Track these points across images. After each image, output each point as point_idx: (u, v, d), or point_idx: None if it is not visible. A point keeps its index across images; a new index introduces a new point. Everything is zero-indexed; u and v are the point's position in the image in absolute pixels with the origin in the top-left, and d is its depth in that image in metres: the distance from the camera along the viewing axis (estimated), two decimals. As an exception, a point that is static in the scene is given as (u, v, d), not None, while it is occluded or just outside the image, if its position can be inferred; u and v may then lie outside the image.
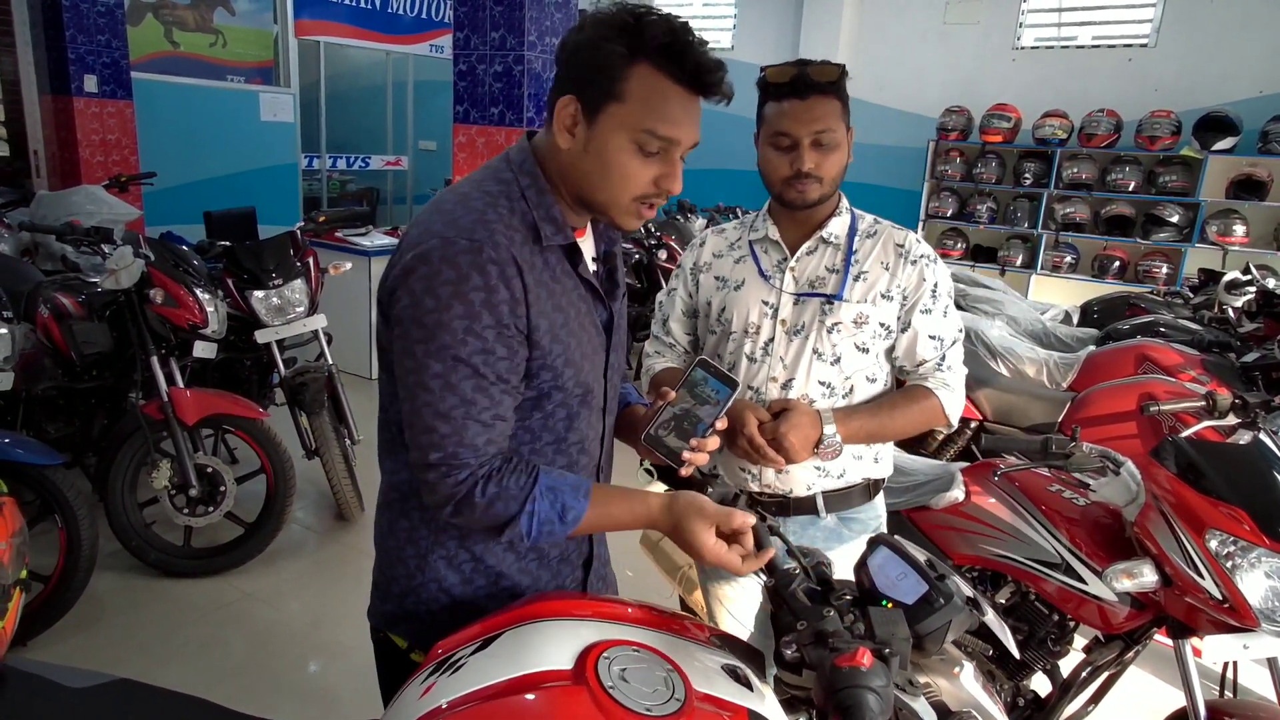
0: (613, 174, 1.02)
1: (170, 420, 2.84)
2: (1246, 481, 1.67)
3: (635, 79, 0.99)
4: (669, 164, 1.04)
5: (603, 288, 1.17)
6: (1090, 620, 1.84)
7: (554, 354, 1.06)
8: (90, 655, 2.54)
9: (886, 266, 1.49)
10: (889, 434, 1.53)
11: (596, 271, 1.17)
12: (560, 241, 1.07)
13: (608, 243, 1.21)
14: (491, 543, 1.13)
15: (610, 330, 1.17)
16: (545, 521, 1.05)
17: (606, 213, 1.07)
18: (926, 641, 0.98)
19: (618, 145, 1.01)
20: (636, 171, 1.02)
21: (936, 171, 7.52)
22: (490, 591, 1.17)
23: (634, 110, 1.00)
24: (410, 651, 1.20)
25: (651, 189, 1.04)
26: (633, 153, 1.01)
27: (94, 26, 5.79)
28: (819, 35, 8.00)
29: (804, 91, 1.41)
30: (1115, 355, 3.31)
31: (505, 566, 1.16)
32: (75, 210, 4.17)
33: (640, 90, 0.99)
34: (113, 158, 6.07)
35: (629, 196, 1.04)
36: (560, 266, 1.08)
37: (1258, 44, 6.40)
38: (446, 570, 1.15)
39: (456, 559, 1.15)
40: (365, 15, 7.91)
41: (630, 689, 0.92)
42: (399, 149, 8.94)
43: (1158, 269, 6.60)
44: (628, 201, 1.05)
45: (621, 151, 1.01)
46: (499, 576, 1.16)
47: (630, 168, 1.02)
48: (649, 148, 1.01)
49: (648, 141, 1.01)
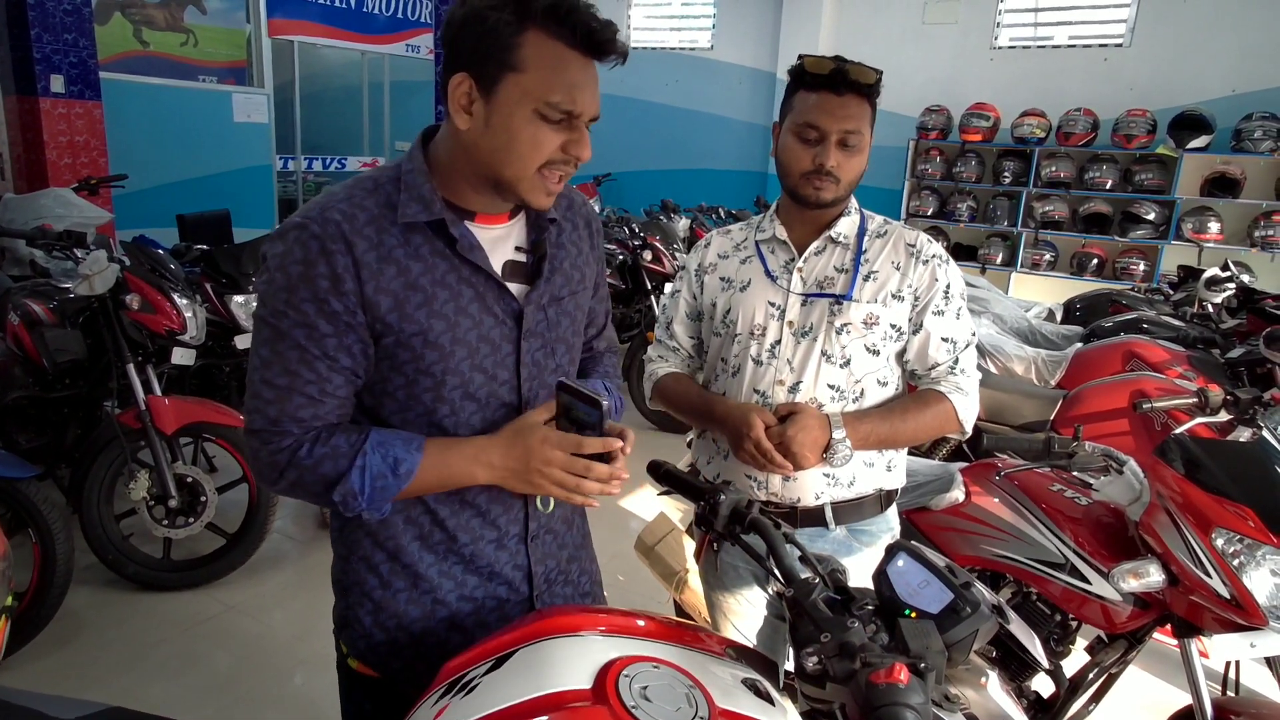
0: (520, 146, 0.99)
1: (148, 429, 2.76)
2: (1252, 479, 1.67)
3: (528, 46, 0.96)
4: (575, 130, 1.01)
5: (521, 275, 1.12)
6: (1094, 620, 1.83)
7: (407, 333, 1.03)
8: (67, 674, 2.46)
9: (898, 266, 1.46)
10: (901, 440, 1.49)
11: (521, 261, 1.12)
12: (421, 218, 1.03)
13: (538, 232, 1.14)
14: (404, 539, 1.12)
15: (521, 320, 1.10)
16: (377, 475, 1.02)
17: (515, 189, 1.03)
18: (953, 651, 0.95)
19: (522, 117, 0.98)
20: (541, 139, 0.99)
21: (917, 170, 7.57)
22: (412, 597, 1.13)
23: (534, 79, 0.97)
24: (347, 658, 1.19)
25: (559, 155, 1.01)
26: (535, 122, 0.98)
27: (60, 25, 5.64)
28: (799, 35, 8.03)
29: (840, 88, 1.37)
30: (1103, 352, 3.33)
31: (423, 568, 1.12)
32: (43, 214, 4.07)
33: (536, 57, 0.97)
34: (81, 160, 5.92)
35: (535, 166, 1.01)
36: (430, 247, 1.04)
37: (1230, 44, 6.50)
38: (366, 573, 1.14)
39: (373, 559, 1.13)
40: (340, 15, 7.80)
41: (653, 708, 0.88)
42: (375, 150, 8.83)
43: (1135, 266, 6.68)
44: (533, 173, 1.01)
45: (527, 123, 0.98)
46: (417, 579, 1.13)
47: (538, 137, 0.99)
48: (553, 117, 0.99)
49: (551, 112, 0.98)
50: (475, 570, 1.15)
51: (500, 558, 1.16)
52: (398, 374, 1.07)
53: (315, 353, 1.01)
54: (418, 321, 1.03)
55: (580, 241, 1.21)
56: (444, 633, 1.15)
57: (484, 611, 1.17)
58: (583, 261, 1.21)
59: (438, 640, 1.15)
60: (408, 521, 1.12)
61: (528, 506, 1.17)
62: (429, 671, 1.11)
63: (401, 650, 1.15)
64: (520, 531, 1.17)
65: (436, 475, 1.06)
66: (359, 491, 1.02)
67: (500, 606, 1.18)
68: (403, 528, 1.12)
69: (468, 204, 1.07)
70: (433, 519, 1.12)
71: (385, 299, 1.02)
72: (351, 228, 1.00)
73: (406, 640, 1.14)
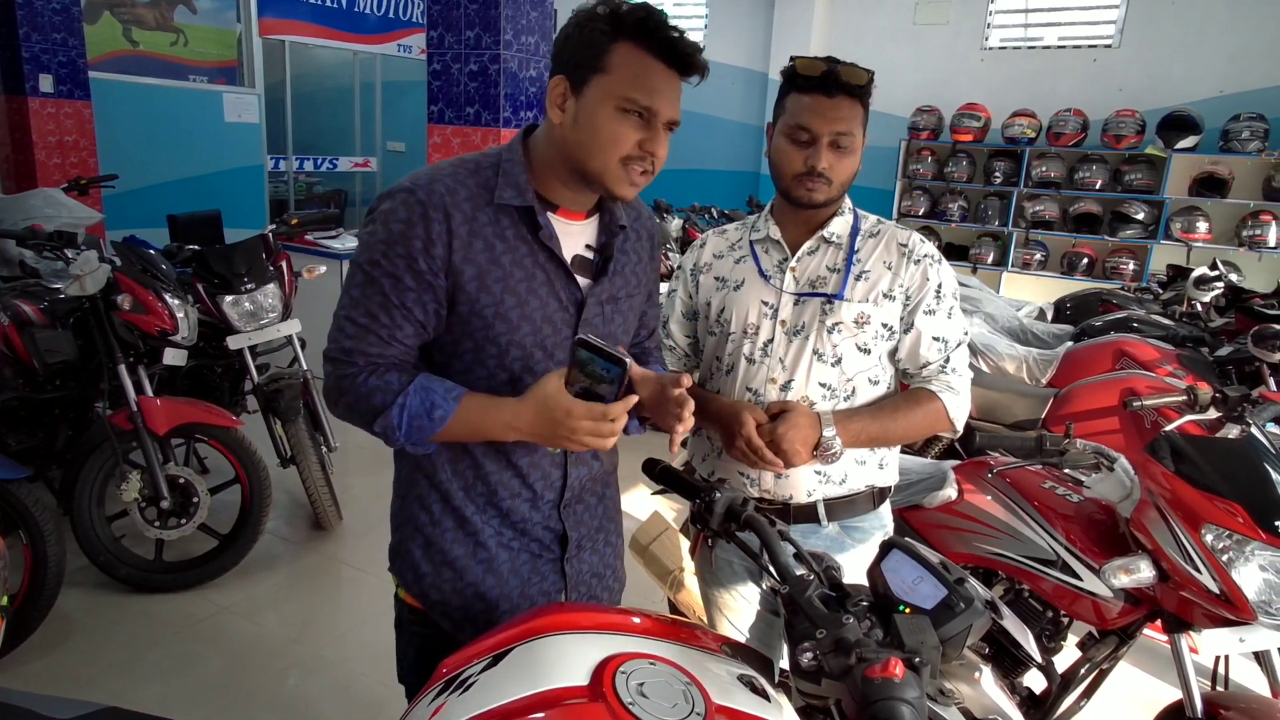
0: (600, 137, 1.11)
1: (140, 430, 2.75)
2: (1241, 476, 1.68)
3: (617, 54, 1.09)
4: (652, 130, 1.12)
5: (586, 270, 1.23)
6: (1085, 616, 1.85)
7: (482, 303, 1.15)
8: (59, 677, 2.45)
9: (889, 266, 1.47)
10: (891, 438, 1.50)
11: (588, 258, 1.24)
12: (514, 202, 1.15)
13: (608, 235, 1.25)
14: (453, 486, 1.24)
15: (581, 309, 1.22)
16: (415, 415, 1.13)
17: (601, 180, 1.14)
18: (948, 646, 0.96)
19: (604, 113, 1.10)
20: (621, 134, 1.10)
21: (908, 170, 7.59)
22: (457, 537, 1.25)
23: (616, 80, 1.09)
24: (398, 590, 1.33)
25: (636, 151, 1.12)
26: (617, 118, 1.10)
27: (49, 24, 5.61)
28: (790, 35, 8.05)
29: (832, 90, 1.38)
30: (1093, 351, 3.35)
31: (469, 513, 1.24)
32: (33, 214, 4.03)
33: (621, 63, 1.09)
34: (70, 160, 5.89)
35: (616, 158, 1.11)
36: (515, 230, 1.16)
37: (1218, 45, 6.54)
38: (419, 510, 1.26)
39: (427, 499, 1.26)
40: (331, 14, 7.78)
41: (650, 704, 0.89)
42: (367, 150, 8.81)
43: (1125, 265, 6.72)
44: (616, 165, 1.12)
45: (607, 118, 1.10)
46: (464, 521, 1.25)
47: (616, 130, 1.10)
48: (632, 112, 1.10)
49: (629, 106, 1.10)
50: (510, 525, 1.26)
51: (534, 517, 1.27)
52: (468, 339, 1.18)
53: (395, 302, 1.13)
54: (494, 294, 1.15)
55: (641, 251, 1.33)
56: (481, 574, 1.26)
57: (519, 562, 1.28)
58: (641, 269, 1.32)
59: (475, 579, 1.26)
60: (455, 473, 1.24)
61: (565, 478, 1.27)
62: (464, 608, 1.25)
63: (443, 585, 1.26)
64: (555, 499, 1.28)
65: (469, 427, 1.16)
66: (396, 425, 1.14)
67: (533, 561, 1.29)
68: (451, 475, 1.24)
69: (554, 197, 1.19)
70: (477, 472, 1.24)
71: (469, 269, 1.14)
72: (452, 201, 1.13)
73: (450, 575, 1.26)
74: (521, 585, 1.27)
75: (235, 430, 2.94)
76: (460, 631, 1.26)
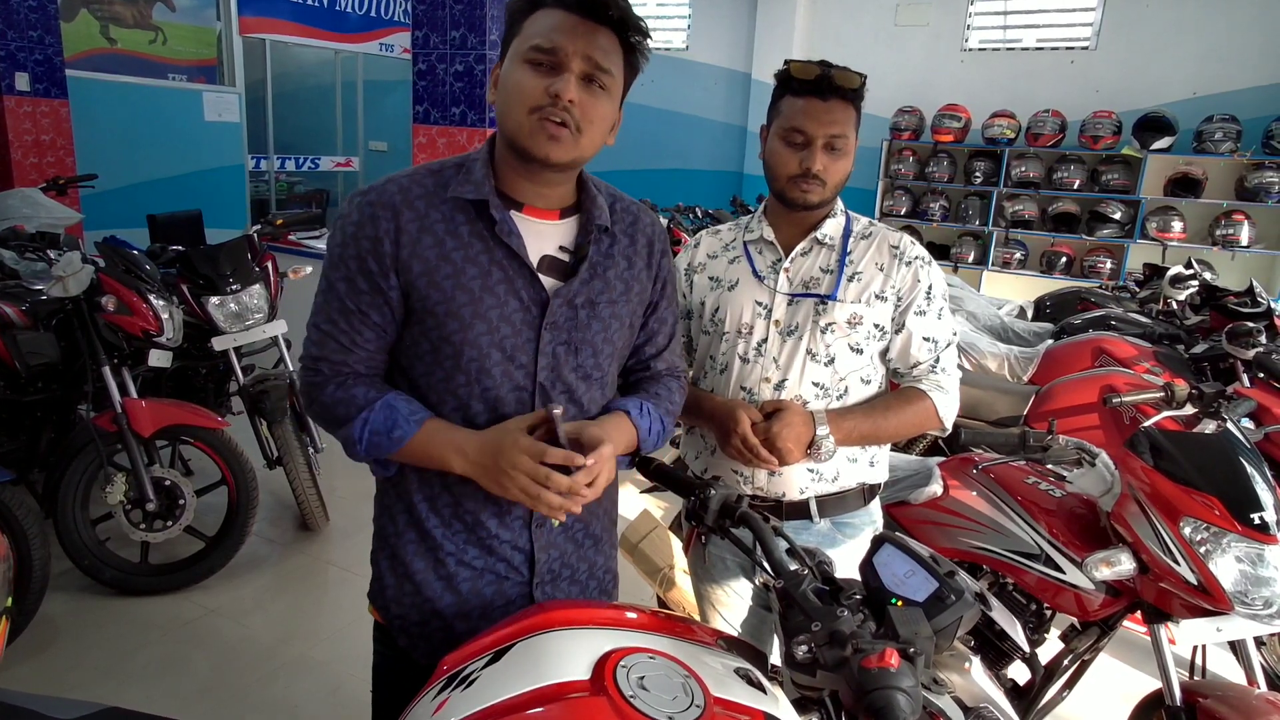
0: (510, 94, 1.09)
1: (125, 432, 2.73)
2: (1217, 470, 1.73)
3: (531, 19, 1.09)
4: (559, 75, 1.07)
5: (557, 271, 1.17)
6: (1068, 608, 1.89)
7: (433, 300, 1.12)
8: (45, 681, 2.43)
9: (881, 267, 1.50)
10: (883, 436, 1.53)
11: (561, 259, 1.18)
12: (468, 195, 1.12)
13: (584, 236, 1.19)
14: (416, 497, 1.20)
15: (544, 309, 1.15)
16: (375, 432, 1.12)
17: (517, 140, 1.09)
18: (939, 637, 0.98)
19: (514, 72, 1.09)
20: (525, 83, 1.07)
21: (890, 170, 7.66)
22: (419, 550, 1.21)
23: (524, 36, 1.09)
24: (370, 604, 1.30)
25: (544, 98, 1.06)
26: (522, 70, 1.08)
27: (25, 22, 5.54)
28: (773, 36, 8.10)
29: (825, 93, 1.40)
30: (1073, 349, 3.40)
31: (430, 526, 1.20)
32: (10, 214, 3.99)
33: (532, 23, 1.09)
34: (47, 159, 5.82)
35: (525, 110, 1.07)
36: (470, 227, 1.13)
37: (1192, 48, 6.67)
38: (387, 522, 1.24)
39: (394, 509, 1.23)
40: (312, 13, 7.73)
41: (651, 697, 0.90)
42: (349, 149, 8.77)
43: (1102, 264, 6.83)
44: (525, 117, 1.07)
45: (514, 73, 1.09)
46: (425, 535, 1.20)
47: (520, 81, 1.07)
48: (535, 60, 1.07)
49: (533, 56, 1.07)
50: (476, 541, 1.20)
51: (501, 534, 1.20)
52: (424, 339, 1.15)
53: (351, 307, 1.13)
54: (444, 290, 1.12)
55: (635, 257, 1.24)
56: (440, 590, 1.21)
57: (481, 583, 1.21)
58: (632, 276, 1.23)
59: (433, 594, 1.21)
60: (421, 481, 1.20)
61: None
62: (421, 624, 1.20)
63: (403, 599, 1.22)
64: (524, 514, 1.20)
65: (424, 450, 1.14)
66: (357, 439, 1.13)
67: (498, 584, 1.21)
68: (417, 486, 1.20)
69: (519, 195, 1.16)
70: (442, 482, 1.19)
71: (417, 264, 1.11)
72: (404, 199, 1.12)
73: (409, 589, 1.22)
74: (483, 607, 1.20)
75: (221, 432, 2.92)
76: (415, 649, 1.22)
